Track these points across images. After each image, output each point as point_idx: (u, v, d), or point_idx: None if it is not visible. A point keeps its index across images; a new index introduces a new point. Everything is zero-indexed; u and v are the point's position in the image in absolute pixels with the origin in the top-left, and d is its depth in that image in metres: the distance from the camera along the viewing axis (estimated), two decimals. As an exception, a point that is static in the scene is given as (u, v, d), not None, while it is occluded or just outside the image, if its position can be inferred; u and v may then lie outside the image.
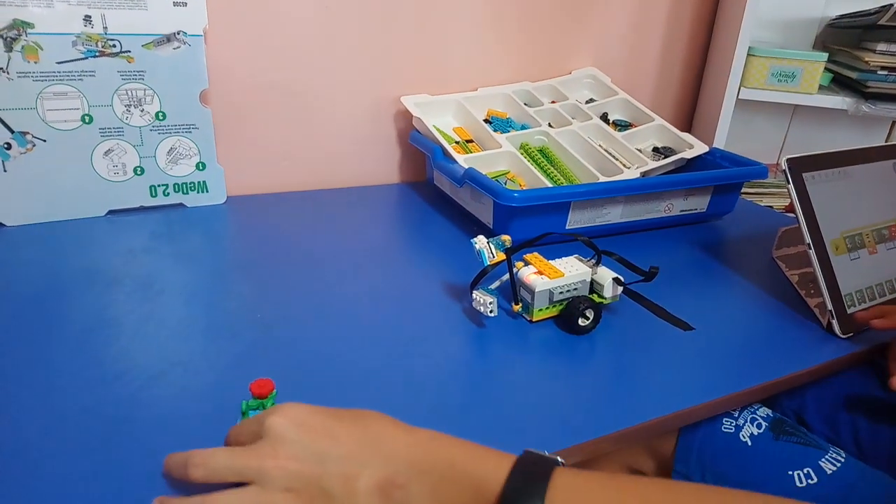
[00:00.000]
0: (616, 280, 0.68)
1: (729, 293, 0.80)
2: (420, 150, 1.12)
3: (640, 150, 1.05)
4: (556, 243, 0.83)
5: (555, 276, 0.66)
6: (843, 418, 0.68)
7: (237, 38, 0.95)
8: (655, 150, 1.10)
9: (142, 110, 0.87)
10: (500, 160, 0.98)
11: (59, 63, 0.81)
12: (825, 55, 1.20)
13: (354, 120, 1.10)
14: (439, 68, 1.13)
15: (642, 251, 0.89)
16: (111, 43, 0.83)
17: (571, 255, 0.72)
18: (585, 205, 0.86)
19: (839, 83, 1.30)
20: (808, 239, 0.72)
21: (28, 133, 0.82)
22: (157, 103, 0.87)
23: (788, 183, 0.73)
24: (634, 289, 0.77)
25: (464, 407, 0.54)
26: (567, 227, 0.87)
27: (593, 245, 0.69)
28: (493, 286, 0.67)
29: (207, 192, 0.95)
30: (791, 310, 0.76)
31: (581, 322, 0.66)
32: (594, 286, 0.69)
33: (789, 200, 1.16)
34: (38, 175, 0.84)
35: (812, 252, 0.71)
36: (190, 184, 0.93)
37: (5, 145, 0.81)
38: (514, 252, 0.67)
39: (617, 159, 1.02)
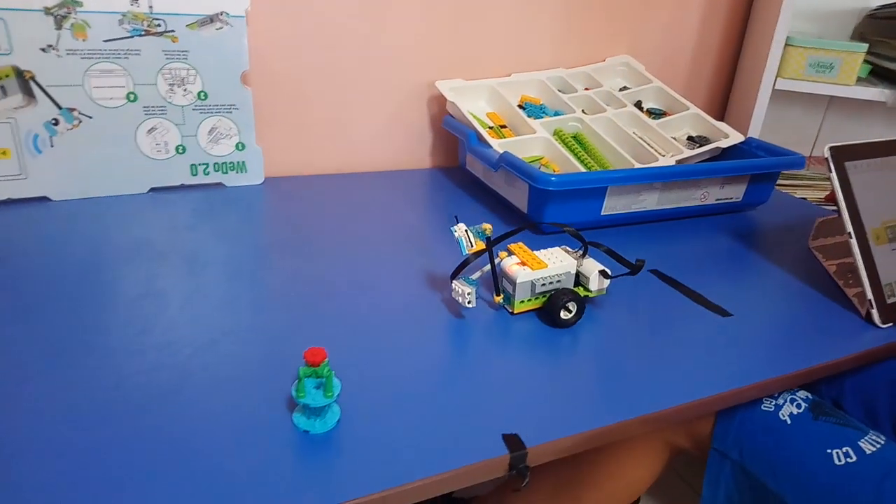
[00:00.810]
0: (602, 273, 0.66)
1: (765, 282, 0.80)
2: (452, 136, 1.12)
3: (674, 139, 1.04)
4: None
5: (538, 267, 0.64)
6: (881, 406, 0.68)
7: (277, 20, 0.96)
8: (690, 138, 1.09)
9: (184, 89, 0.88)
10: (534, 146, 0.99)
11: (105, 41, 0.83)
12: (865, 46, 1.18)
13: (388, 104, 1.10)
14: (474, 54, 1.13)
15: (677, 239, 0.90)
16: (156, 22, 0.84)
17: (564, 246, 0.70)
18: (622, 191, 0.86)
19: (877, 75, 1.28)
20: (849, 228, 0.71)
21: (75, 109, 0.84)
22: (200, 83, 0.89)
23: (831, 171, 0.72)
24: (671, 275, 0.77)
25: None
26: (602, 214, 0.87)
27: (579, 236, 0.67)
28: (475, 276, 0.65)
29: (246, 172, 0.96)
30: (828, 299, 0.76)
31: (563, 315, 0.64)
32: (580, 279, 0.67)
33: (825, 192, 1.15)
34: (83, 151, 0.85)
35: (853, 241, 0.71)
36: (229, 163, 0.95)
37: (53, 121, 0.83)
38: (497, 242, 0.65)
39: (651, 147, 1.01)
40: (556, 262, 0.65)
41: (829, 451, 0.60)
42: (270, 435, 0.47)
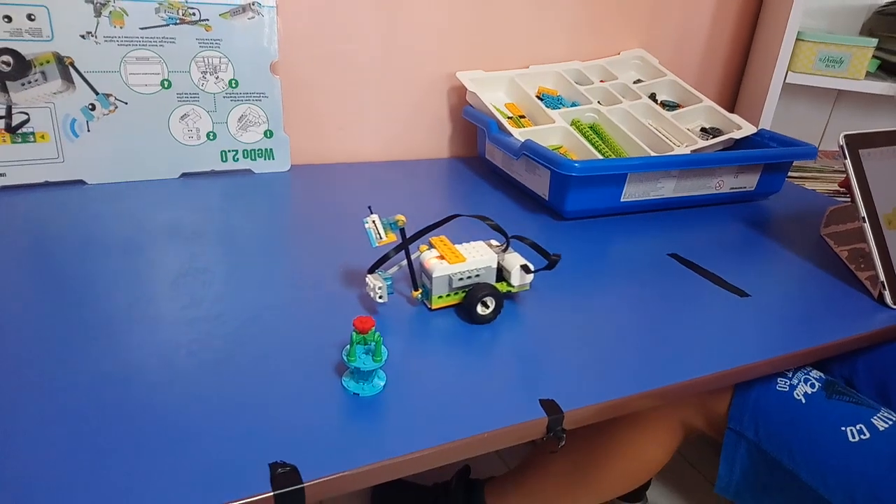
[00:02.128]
0: (524, 268, 0.63)
1: (779, 266, 0.82)
2: (470, 126, 1.15)
3: (689, 130, 1.07)
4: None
5: (456, 261, 0.61)
6: (892, 384, 0.71)
7: (305, 11, 0.99)
8: (703, 130, 1.12)
9: (216, 77, 0.91)
10: (552, 135, 1.01)
11: (142, 29, 0.85)
12: (874, 41, 1.21)
13: (409, 94, 1.13)
14: (492, 46, 1.16)
15: (694, 226, 0.92)
16: (191, 11, 0.87)
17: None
18: (641, 178, 0.89)
19: (886, 70, 1.31)
20: (862, 212, 0.74)
21: (111, 95, 0.86)
22: (231, 71, 0.91)
23: (846, 158, 0.75)
24: (689, 257, 0.80)
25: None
26: (621, 200, 0.90)
27: (500, 229, 0.64)
28: (391, 271, 0.63)
29: (273, 159, 0.99)
30: (841, 282, 0.78)
31: (480, 310, 0.61)
32: (502, 273, 0.65)
33: (834, 184, 1.18)
34: (118, 136, 0.88)
35: (866, 225, 0.74)
36: (258, 150, 0.97)
37: (90, 106, 0.86)
38: (422, 235, 0.63)
39: (667, 138, 1.04)
40: (476, 257, 0.62)
41: (843, 428, 0.62)
42: (322, 397, 0.50)
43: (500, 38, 1.16)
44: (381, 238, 0.60)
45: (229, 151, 0.95)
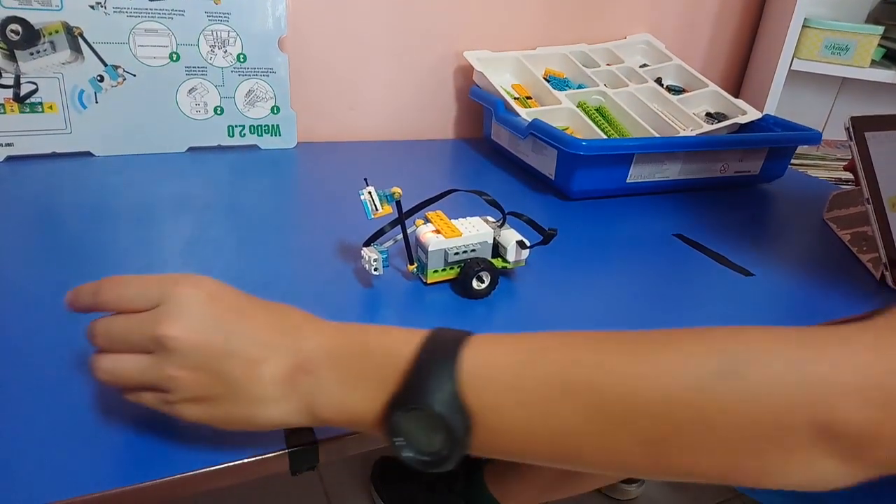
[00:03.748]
0: (520, 243, 0.63)
1: (782, 248, 0.83)
2: (476, 106, 1.15)
3: (694, 114, 1.08)
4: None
5: (451, 235, 0.61)
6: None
7: (313, -13, 0.99)
8: (709, 115, 1.12)
9: (225, 51, 0.91)
10: (559, 116, 1.01)
11: (152, 0, 0.85)
12: (881, 28, 1.21)
13: (416, 74, 1.13)
14: (500, 27, 1.15)
15: (698, 208, 0.93)
16: (200, -16, 0.87)
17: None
18: (648, 159, 0.89)
19: (890, 58, 1.31)
20: (867, 194, 0.75)
21: (120, 67, 0.86)
22: (240, 45, 0.91)
23: (851, 140, 0.75)
24: (694, 238, 0.81)
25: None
26: (627, 181, 0.91)
27: (497, 204, 0.64)
28: (387, 244, 0.63)
29: (280, 135, 0.99)
30: (844, 264, 0.79)
31: (475, 285, 0.61)
32: (498, 249, 0.65)
33: (836, 172, 1.19)
34: (126, 108, 0.88)
35: (870, 207, 0.74)
36: (264, 126, 0.97)
37: (98, 77, 0.86)
38: (419, 209, 0.63)
39: (672, 122, 1.04)
40: (472, 232, 0.62)
41: None
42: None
43: (507, 19, 1.16)
44: (377, 210, 0.59)
45: (236, 126, 0.96)
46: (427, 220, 0.64)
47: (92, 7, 0.82)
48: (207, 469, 0.40)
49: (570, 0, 1.19)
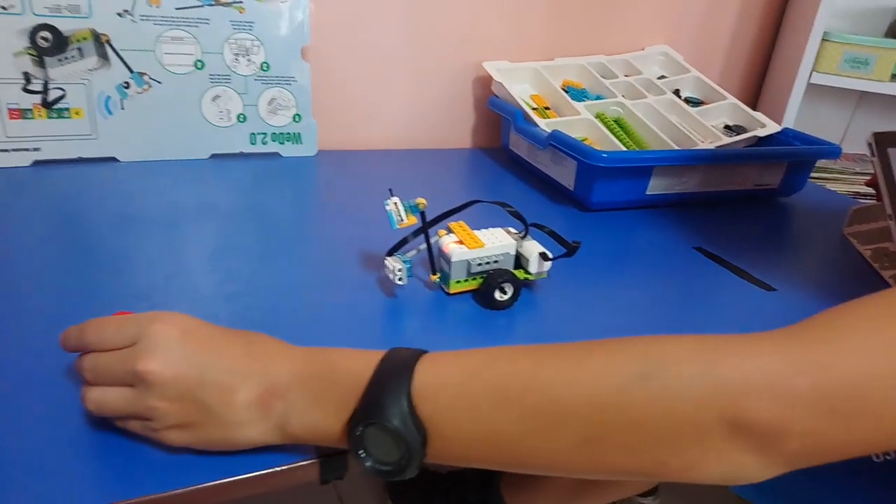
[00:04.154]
0: (542, 255, 0.63)
1: (803, 263, 0.83)
2: (494, 116, 1.16)
3: (713, 127, 1.08)
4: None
5: (474, 246, 0.62)
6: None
7: (334, -3, 1.00)
8: (727, 127, 1.12)
9: (248, 60, 0.92)
10: (577, 127, 1.02)
11: (178, 9, 0.86)
12: (901, 43, 1.21)
13: (435, 84, 1.14)
14: (518, 37, 1.16)
15: (717, 221, 0.93)
16: (226, -7, 0.88)
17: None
18: (668, 171, 0.90)
19: (910, 73, 1.31)
20: (889, 210, 0.74)
21: (146, 74, 0.87)
22: (263, 54, 0.92)
23: (873, 156, 0.75)
24: (714, 252, 0.81)
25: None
26: (647, 193, 0.91)
27: (521, 216, 0.64)
28: (410, 254, 0.63)
29: (301, 143, 1.00)
30: (865, 280, 0.79)
31: (498, 296, 0.62)
32: (521, 260, 0.65)
33: (855, 186, 1.19)
34: (151, 115, 0.89)
35: (893, 223, 0.74)
36: (286, 134, 0.98)
37: (124, 84, 0.87)
38: (441, 219, 0.63)
39: (691, 134, 1.04)
40: (495, 243, 0.63)
41: None
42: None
43: (526, 29, 1.16)
44: (401, 220, 0.60)
45: (258, 134, 0.96)
46: (450, 231, 0.64)
47: (120, 15, 0.84)
48: (240, 477, 0.41)
49: (588, 11, 1.20)
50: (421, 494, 1.08)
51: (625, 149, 0.97)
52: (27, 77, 0.82)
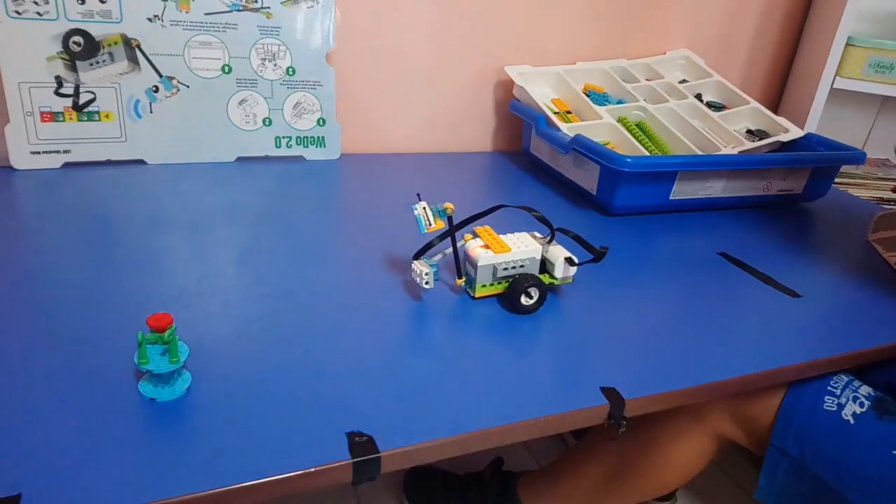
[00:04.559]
0: (568, 260, 0.63)
1: (827, 269, 0.82)
2: (515, 120, 1.16)
3: (735, 131, 1.07)
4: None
5: (501, 250, 0.61)
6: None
7: (360, 2, 1.00)
8: (749, 132, 1.12)
9: (275, 64, 0.93)
10: (599, 131, 1.02)
11: (206, 14, 0.87)
12: (926, 47, 1.20)
13: (457, 88, 1.14)
14: (540, 42, 1.16)
15: (741, 226, 0.93)
16: (254, -2, 0.89)
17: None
18: (692, 176, 0.89)
19: (935, 78, 1.29)
20: (918, 217, 0.74)
21: (174, 78, 0.89)
22: (289, 59, 0.93)
23: (902, 163, 0.75)
24: (738, 257, 0.80)
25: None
26: (670, 198, 0.91)
27: (546, 221, 0.64)
28: (436, 258, 0.63)
29: (325, 147, 1.01)
30: (892, 288, 0.78)
31: (524, 301, 0.61)
32: (546, 265, 0.65)
33: (878, 191, 1.18)
34: (179, 118, 0.90)
35: (921, 230, 0.74)
36: (310, 138, 0.99)
37: (153, 88, 0.88)
38: (468, 224, 0.63)
39: (713, 138, 1.04)
40: (521, 247, 0.63)
41: (894, 451, 0.61)
42: (389, 374, 0.52)
43: (547, 34, 1.17)
44: (430, 224, 0.60)
45: (283, 138, 0.98)
46: (475, 235, 0.64)
47: (150, 20, 0.85)
48: (275, 477, 0.41)
49: (609, 15, 1.20)
50: (439, 495, 1.08)
51: (647, 153, 0.97)
52: (59, 81, 0.84)
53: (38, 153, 0.85)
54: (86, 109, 0.86)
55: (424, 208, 0.61)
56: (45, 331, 0.53)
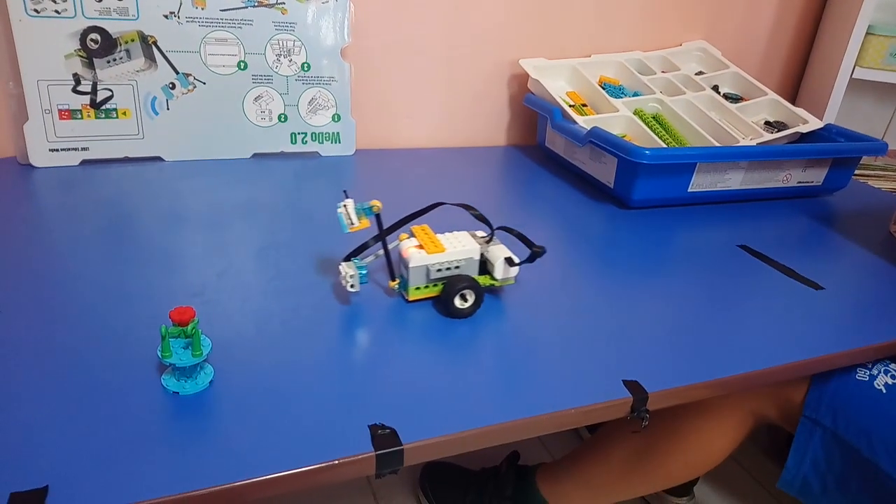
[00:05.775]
0: (508, 260, 0.59)
1: (849, 261, 0.81)
2: (530, 113, 1.16)
3: (753, 123, 1.06)
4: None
5: (434, 251, 0.58)
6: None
7: (373, -3, 1.00)
8: (767, 123, 1.11)
9: (290, 60, 0.93)
10: (616, 124, 1.01)
11: (222, 10, 0.88)
12: (948, 36, 1.18)
13: (472, 82, 1.14)
14: (555, 35, 1.16)
15: (761, 218, 0.92)
16: (269, -6, 0.89)
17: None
18: (710, 168, 0.89)
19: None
20: (942, 208, 0.73)
21: (191, 75, 0.89)
22: (304, 55, 0.93)
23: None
24: (758, 250, 0.80)
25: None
26: (689, 190, 0.90)
27: (485, 219, 0.60)
28: (367, 260, 0.60)
29: (340, 142, 1.01)
30: (916, 278, 0.77)
31: (458, 303, 0.58)
32: (486, 266, 0.61)
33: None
34: (196, 115, 0.91)
35: (945, 221, 0.73)
36: (325, 134, 0.99)
37: (170, 85, 0.89)
38: (403, 224, 0.61)
39: (731, 130, 1.03)
40: (457, 247, 0.59)
41: None
42: (404, 366, 0.51)
43: (562, 26, 1.16)
44: (352, 224, 0.57)
45: (298, 133, 0.98)
46: (411, 235, 0.61)
47: (166, 16, 0.85)
48: (299, 469, 0.41)
49: (624, 7, 1.19)
50: (456, 489, 1.08)
51: (665, 146, 0.96)
52: (77, 78, 0.84)
53: (57, 150, 0.86)
54: (103, 107, 0.87)
55: (346, 206, 0.58)
56: (68, 325, 0.53)
